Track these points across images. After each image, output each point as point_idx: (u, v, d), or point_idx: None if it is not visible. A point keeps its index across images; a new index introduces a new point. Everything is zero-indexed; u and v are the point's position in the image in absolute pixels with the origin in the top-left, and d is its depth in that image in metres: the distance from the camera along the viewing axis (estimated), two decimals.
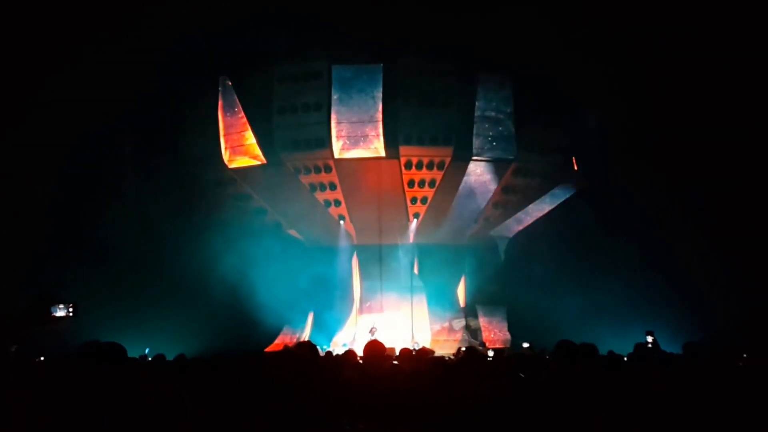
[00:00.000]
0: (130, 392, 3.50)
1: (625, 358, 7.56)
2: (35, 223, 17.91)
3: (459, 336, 24.98)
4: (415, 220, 24.25)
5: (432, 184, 23.48)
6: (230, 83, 23.57)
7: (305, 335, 24.48)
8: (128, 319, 17.65)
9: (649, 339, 13.62)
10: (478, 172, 23.50)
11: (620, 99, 21.23)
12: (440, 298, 25.04)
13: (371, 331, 22.06)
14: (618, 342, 11.06)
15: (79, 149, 19.67)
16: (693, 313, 19.79)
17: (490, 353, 8.69)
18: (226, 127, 23.85)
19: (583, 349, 4.43)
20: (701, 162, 20.78)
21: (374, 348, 5.10)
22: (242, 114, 23.39)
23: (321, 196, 24.17)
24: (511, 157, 23.28)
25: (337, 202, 24.25)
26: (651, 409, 4.51)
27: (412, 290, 24.85)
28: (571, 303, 20.73)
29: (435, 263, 24.46)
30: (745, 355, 10.09)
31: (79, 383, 3.36)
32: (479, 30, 20.61)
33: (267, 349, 22.74)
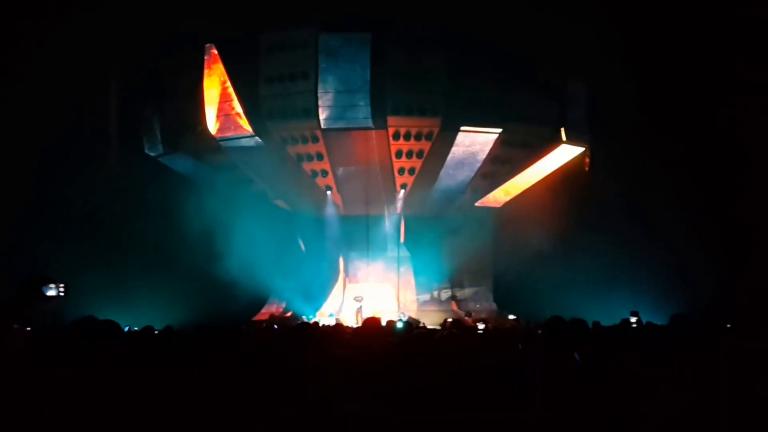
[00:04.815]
0: (134, 367, 3.49)
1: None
2: (17, 197, 17.66)
3: (445, 306, 25.18)
4: (403, 190, 24.20)
5: (420, 154, 23.37)
6: (217, 52, 23.17)
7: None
8: (109, 290, 17.58)
9: (633, 319, 13.76)
10: (467, 143, 23.41)
11: (608, 71, 21.17)
12: (427, 269, 25.12)
13: (357, 300, 22.18)
14: (604, 314, 11.20)
15: (60, 122, 19.33)
16: (678, 287, 19.99)
17: (480, 326, 8.75)
18: (212, 97, 23.51)
19: (572, 324, 4.46)
20: (690, 136, 20.84)
21: (372, 324, 5.09)
22: (229, 83, 23.04)
23: (308, 167, 24.04)
24: (499, 128, 23.17)
25: (324, 173, 24.14)
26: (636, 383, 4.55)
27: (398, 261, 24.95)
28: (558, 275, 20.90)
29: (422, 234, 24.49)
30: (729, 325, 10.21)
31: (81, 358, 3.34)
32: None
33: (254, 319, 22.83)
